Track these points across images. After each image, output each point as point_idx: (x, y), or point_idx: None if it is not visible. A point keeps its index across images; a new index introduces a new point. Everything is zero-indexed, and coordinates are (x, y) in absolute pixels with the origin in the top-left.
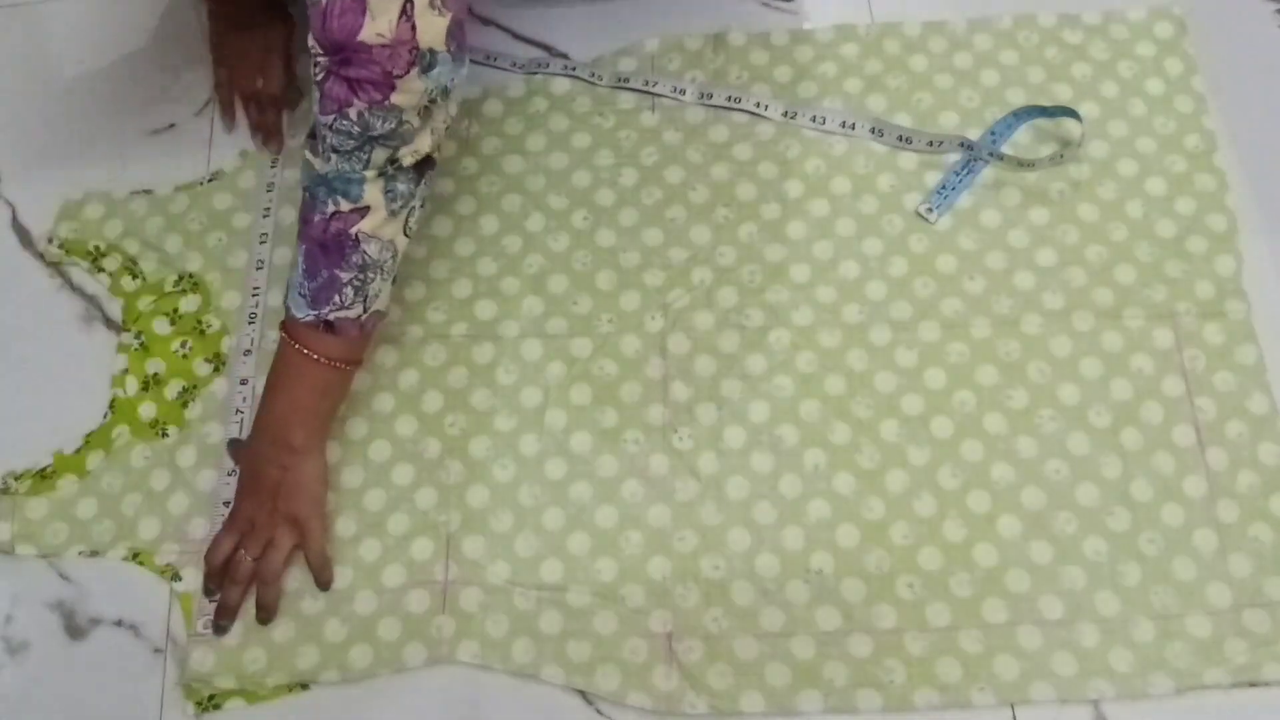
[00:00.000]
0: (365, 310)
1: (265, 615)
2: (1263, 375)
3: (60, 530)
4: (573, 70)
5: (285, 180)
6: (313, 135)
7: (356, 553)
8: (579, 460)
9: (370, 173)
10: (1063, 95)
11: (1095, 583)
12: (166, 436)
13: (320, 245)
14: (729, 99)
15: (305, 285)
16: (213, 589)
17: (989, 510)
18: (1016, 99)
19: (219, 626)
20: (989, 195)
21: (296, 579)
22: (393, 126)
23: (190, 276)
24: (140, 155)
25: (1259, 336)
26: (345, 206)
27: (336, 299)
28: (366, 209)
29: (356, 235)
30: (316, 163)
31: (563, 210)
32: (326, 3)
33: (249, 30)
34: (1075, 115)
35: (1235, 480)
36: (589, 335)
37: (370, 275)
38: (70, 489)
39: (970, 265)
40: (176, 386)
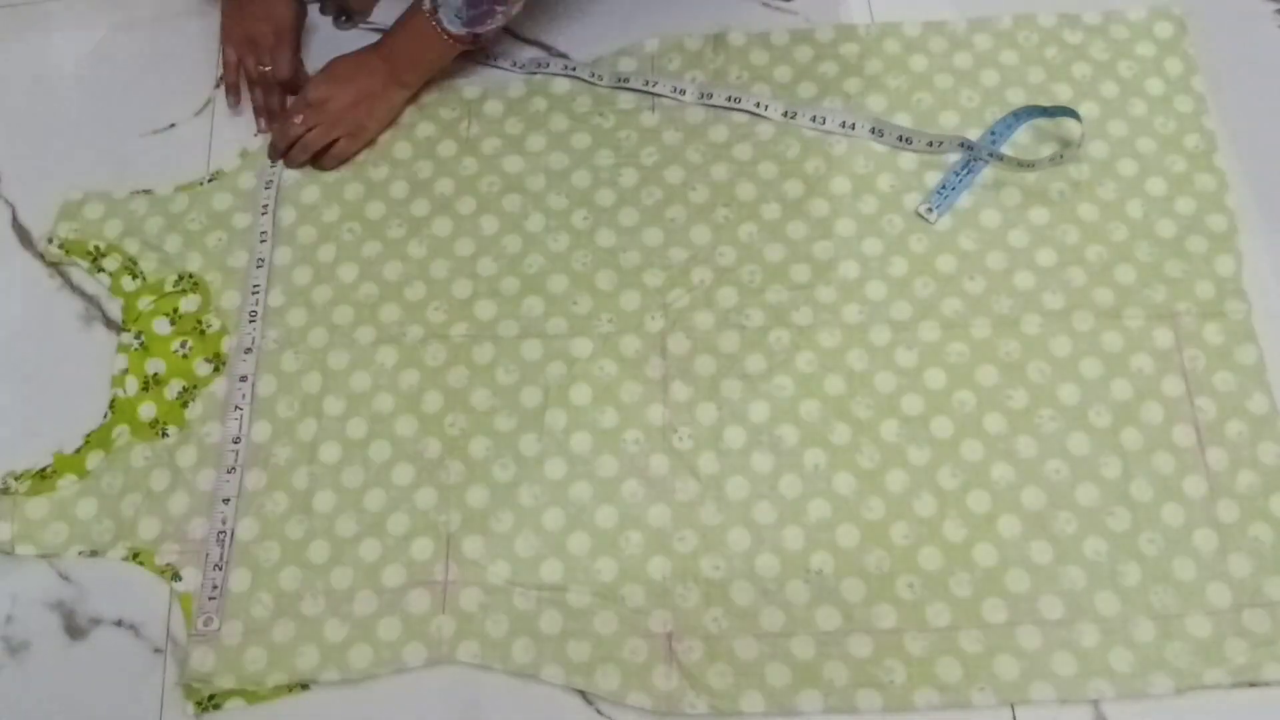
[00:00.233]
0: (505, 19)
1: (286, 157)
2: (1263, 375)
3: (60, 530)
4: (573, 70)
5: (285, 179)
6: None
7: (356, 553)
8: (579, 460)
9: None
10: (1063, 95)
11: (1095, 583)
12: (166, 436)
13: None
14: (729, 99)
15: (465, 11)
16: (274, 160)
17: (989, 510)
18: (1016, 99)
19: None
20: (989, 195)
21: (297, 579)
22: None
23: (190, 276)
24: (140, 155)
25: (1259, 336)
26: None
27: (489, 22)
28: None
29: None
30: None
31: (563, 210)
32: None
33: (260, 13)
34: (1075, 115)
35: (1235, 480)
36: (589, 335)
37: (514, 3)
38: (70, 489)
39: (970, 265)
40: (176, 386)
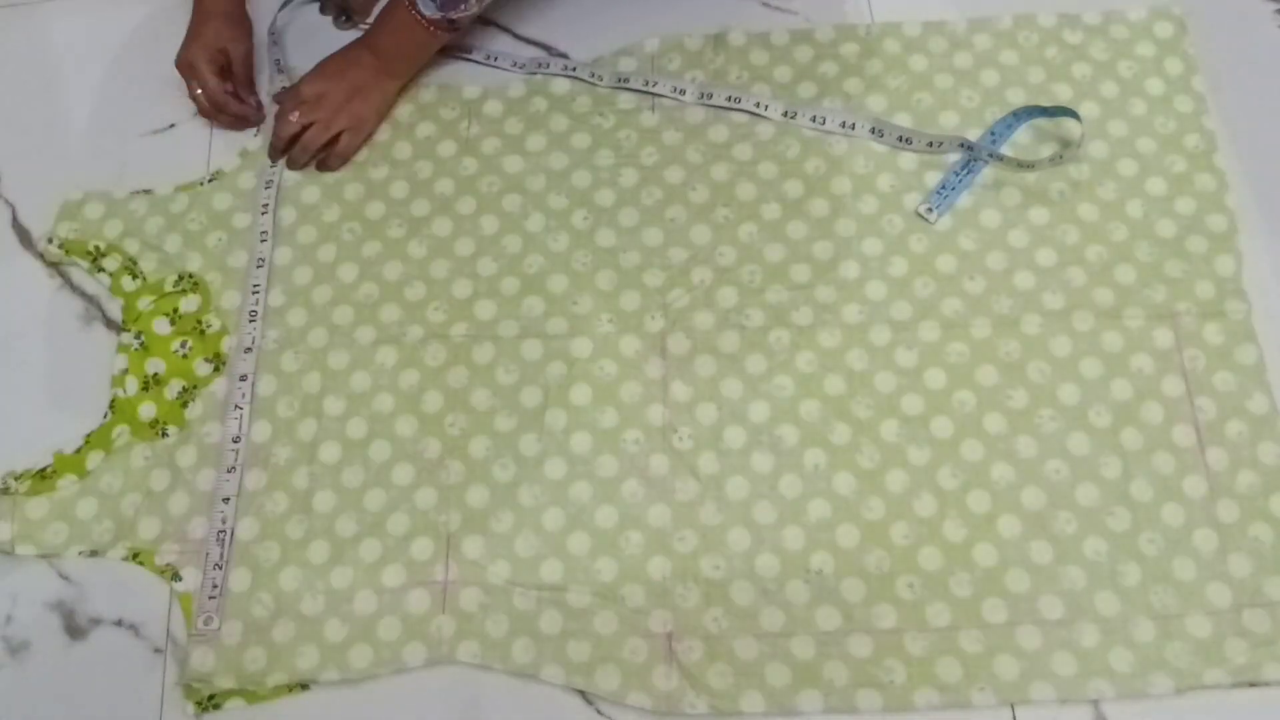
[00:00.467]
0: (479, 7)
1: (288, 159)
2: (1263, 375)
3: (60, 530)
4: (573, 70)
5: (285, 179)
6: None
7: (356, 553)
8: (579, 460)
9: None
10: (1063, 95)
11: (1095, 583)
12: (166, 436)
13: None
14: (729, 99)
15: None
16: (275, 160)
17: (989, 510)
18: (1016, 99)
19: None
20: (989, 195)
21: (297, 579)
22: None
23: (190, 276)
24: (140, 155)
25: (1259, 336)
26: None
27: (462, 6)
28: None
29: None
30: None
31: (563, 210)
32: None
33: (200, 38)
34: (1075, 115)
35: (1235, 480)
36: (589, 335)
37: None
38: (70, 489)
39: (970, 265)
40: (176, 386)
